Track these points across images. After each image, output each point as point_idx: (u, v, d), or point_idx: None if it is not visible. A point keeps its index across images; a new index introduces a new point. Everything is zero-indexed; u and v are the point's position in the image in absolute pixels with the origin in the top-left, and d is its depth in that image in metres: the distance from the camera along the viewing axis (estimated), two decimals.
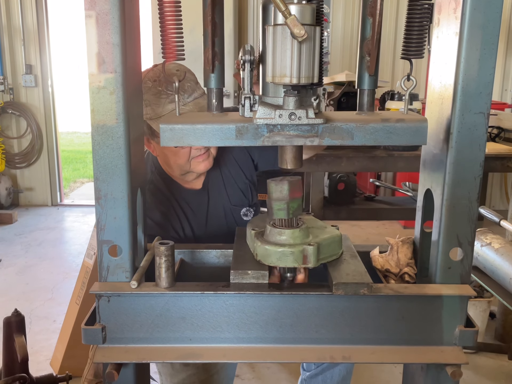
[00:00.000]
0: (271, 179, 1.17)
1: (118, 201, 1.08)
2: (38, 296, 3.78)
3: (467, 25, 1.00)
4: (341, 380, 2.03)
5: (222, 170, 1.93)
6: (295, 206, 1.15)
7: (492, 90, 1.04)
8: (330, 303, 1.11)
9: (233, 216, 1.94)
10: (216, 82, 1.11)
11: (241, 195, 1.97)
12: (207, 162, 1.76)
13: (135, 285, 1.09)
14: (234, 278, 1.13)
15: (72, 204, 6.35)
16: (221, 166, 1.93)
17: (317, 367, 2.05)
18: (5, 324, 1.91)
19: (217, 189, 1.92)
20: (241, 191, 1.97)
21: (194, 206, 1.87)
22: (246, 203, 1.98)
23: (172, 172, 1.82)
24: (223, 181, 1.93)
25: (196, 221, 1.87)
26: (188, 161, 1.73)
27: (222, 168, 1.93)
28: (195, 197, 1.88)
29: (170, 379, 1.88)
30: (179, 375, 1.85)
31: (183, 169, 1.77)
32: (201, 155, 1.74)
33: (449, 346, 1.12)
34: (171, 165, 1.77)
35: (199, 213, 1.88)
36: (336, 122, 1.03)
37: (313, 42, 0.96)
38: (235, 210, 1.94)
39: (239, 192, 1.96)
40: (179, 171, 1.78)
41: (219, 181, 1.92)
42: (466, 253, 1.12)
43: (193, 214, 1.86)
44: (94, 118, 1.05)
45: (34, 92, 5.89)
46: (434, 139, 1.14)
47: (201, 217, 1.88)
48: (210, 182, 1.90)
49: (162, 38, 1.08)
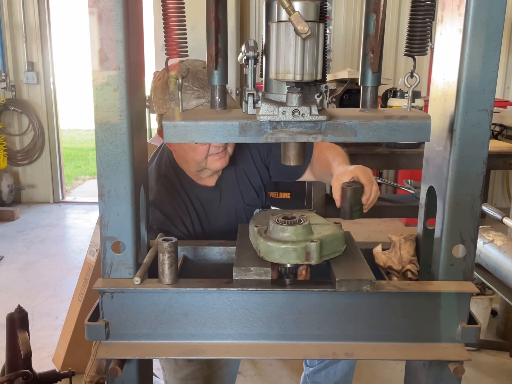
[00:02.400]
0: (345, 184, 1.40)
1: (122, 197, 1.08)
2: (40, 293, 3.79)
3: (471, 22, 1.00)
4: (344, 375, 2.04)
5: (237, 168, 1.93)
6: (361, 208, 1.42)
7: (495, 87, 1.04)
8: (332, 300, 1.11)
9: (245, 215, 1.94)
10: (220, 79, 1.11)
11: (255, 195, 1.98)
12: (223, 160, 1.77)
13: (138, 282, 1.09)
14: (237, 274, 1.13)
15: (74, 201, 6.35)
16: (237, 165, 1.93)
17: (320, 362, 2.05)
18: (9, 321, 1.91)
19: (230, 188, 1.93)
20: (255, 191, 1.98)
21: (205, 203, 1.87)
22: (259, 203, 1.98)
23: (188, 167, 1.83)
24: (237, 180, 1.94)
25: (206, 218, 1.87)
26: (205, 158, 1.74)
27: (238, 166, 1.94)
28: (207, 194, 1.88)
29: (173, 375, 1.88)
30: (182, 371, 1.86)
31: (200, 166, 1.77)
32: (218, 153, 1.75)
33: (452, 343, 1.12)
34: (188, 160, 1.78)
35: (209, 210, 1.88)
36: (339, 119, 1.03)
37: (316, 38, 0.96)
38: (248, 210, 1.95)
39: (252, 192, 1.97)
40: (195, 167, 1.79)
41: (233, 180, 1.93)
42: (469, 250, 1.12)
43: (204, 210, 1.87)
44: (98, 115, 1.05)
45: (36, 89, 5.88)
46: (437, 136, 1.14)
47: (211, 214, 1.88)
48: (223, 180, 1.91)
49: (166, 35, 1.08)
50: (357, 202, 1.39)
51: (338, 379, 2.03)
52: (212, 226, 1.88)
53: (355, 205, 1.37)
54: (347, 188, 1.38)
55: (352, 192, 1.38)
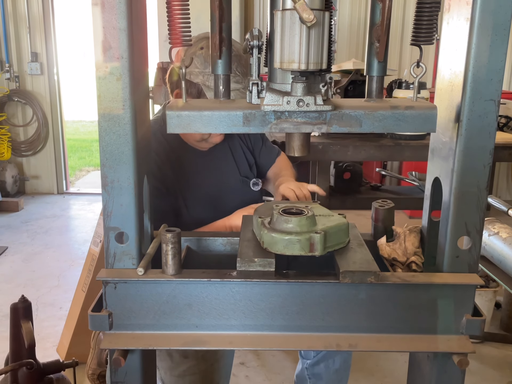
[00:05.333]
0: (376, 203, 1.39)
1: (125, 188, 1.08)
2: (44, 283, 3.81)
3: (478, 10, 0.98)
4: (343, 362, 2.05)
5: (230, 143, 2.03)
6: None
7: (503, 77, 1.02)
8: (336, 291, 1.10)
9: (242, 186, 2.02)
10: (224, 68, 1.10)
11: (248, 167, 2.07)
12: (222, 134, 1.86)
13: (142, 272, 1.09)
14: (241, 265, 1.12)
15: (78, 192, 6.36)
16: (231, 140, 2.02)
17: (317, 354, 2.05)
18: (12, 310, 1.91)
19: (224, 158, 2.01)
20: (248, 163, 2.07)
21: (204, 167, 1.94)
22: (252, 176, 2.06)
23: (190, 136, 1.88)
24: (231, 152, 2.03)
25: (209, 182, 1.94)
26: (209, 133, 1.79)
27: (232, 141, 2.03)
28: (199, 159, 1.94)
29: (170, 372, 1.85)
30: (179, 367, 1.84)
31: (203, 137, 1.84)
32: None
33: (456, 335, 1.12)
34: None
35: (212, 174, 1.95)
36: (345, 109, 1.02)
37: (322, 27, 0.94)
38: (244, 181, 2.03)
39: (246, 164, 2.06)
40: (199, 137, 1.84)
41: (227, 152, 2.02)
42: (474, 242, 1.11)
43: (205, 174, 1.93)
44: (101, 105, 1.04)
45: (40, 80, 5.88)
46: (443, 127, 1.13)
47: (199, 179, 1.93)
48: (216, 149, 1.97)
49: (169, 24, 1.07)
50: (390, 222, 1.39)
51: (338, 366, 2.04)
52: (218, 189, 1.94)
53: (389, 225, 1.37)
54: (379, 208, 1.38)
55: (385, 212, 1.38)
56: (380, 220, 1.37)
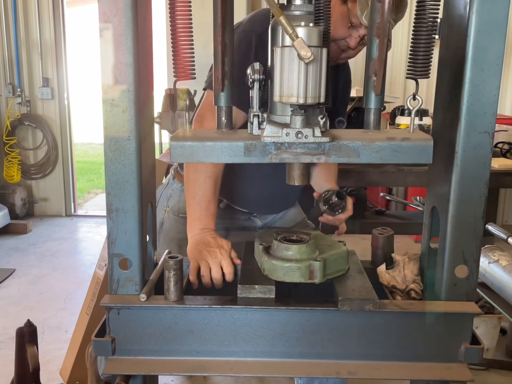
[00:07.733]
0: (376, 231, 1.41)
1: (129, 215, 1.11)
2: (51, 306, 3.82)
3: (471, 46, 1.02)
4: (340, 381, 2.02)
5: None
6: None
7: (496, 110, 1.05)
8: (336, 319, 1.12)
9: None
10: (226, 100, 1.14)
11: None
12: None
13: (145, 298, 1.11)
14: (242, 292, 1.15)
15: (85, 214, 6.41)
16: None
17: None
18: (18, 335, 1.93)
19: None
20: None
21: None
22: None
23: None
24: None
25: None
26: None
27: None
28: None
29: None
30: None
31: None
32: None
33: (455, 363, 1.13)
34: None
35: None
36: (343, 140, 1.05)
37: (319, 63, 0.98)
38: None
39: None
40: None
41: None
42: (471, 271, 1.13)
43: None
44: (107, 135, 1.08)
45: (50, 104, 5.98)
46: (439, 158, 1.15)
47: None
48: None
49: (174, 58, 1.12)
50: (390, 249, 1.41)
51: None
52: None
53: (388, 252, 1.39)
54: (379, 236, 1.40)
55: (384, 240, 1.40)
56: (380, 248, 1.39)
